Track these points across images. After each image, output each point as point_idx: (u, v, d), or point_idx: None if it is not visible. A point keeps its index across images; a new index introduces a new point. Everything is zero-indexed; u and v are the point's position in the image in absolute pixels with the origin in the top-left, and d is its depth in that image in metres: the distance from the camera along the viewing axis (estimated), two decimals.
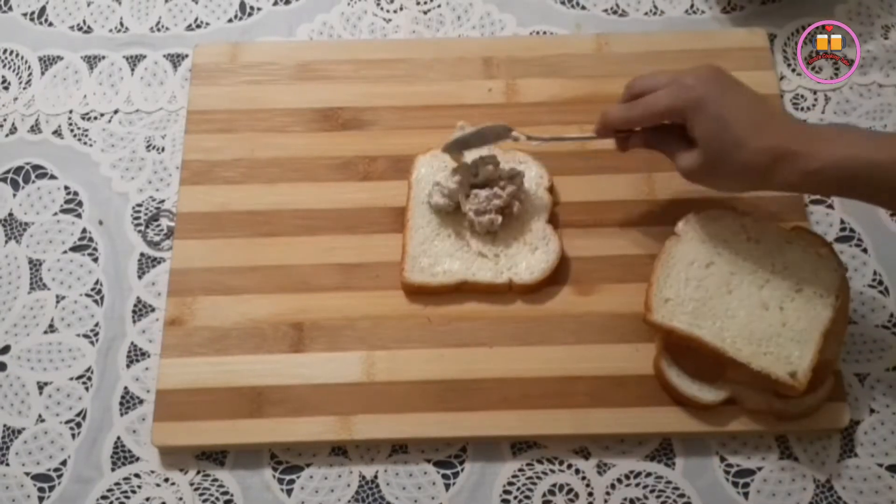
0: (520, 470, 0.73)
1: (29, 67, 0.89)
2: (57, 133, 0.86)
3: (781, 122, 0.68)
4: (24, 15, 0.92)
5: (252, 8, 0.92)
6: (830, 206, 0.81)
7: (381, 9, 0.92)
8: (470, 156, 0.78)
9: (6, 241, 0.82)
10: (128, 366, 0.77)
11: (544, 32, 0.91)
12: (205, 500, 0.72)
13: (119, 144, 0.85)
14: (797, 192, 0.68)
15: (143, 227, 0.82)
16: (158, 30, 0.91)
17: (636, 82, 0.72)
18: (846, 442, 0.73)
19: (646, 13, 0.91)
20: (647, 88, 0.71)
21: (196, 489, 0.72)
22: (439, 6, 0.92)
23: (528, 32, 0.91)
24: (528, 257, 0.77)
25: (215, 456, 0.73)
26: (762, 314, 0.71)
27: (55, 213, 0.83)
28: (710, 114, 0.67)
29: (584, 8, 0.92)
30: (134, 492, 0.72)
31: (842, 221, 0.81)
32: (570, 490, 0.72)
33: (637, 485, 0.72)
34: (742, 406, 0.72)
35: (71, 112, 0.87)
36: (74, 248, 0.81)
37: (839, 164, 0.63)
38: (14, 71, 0.89)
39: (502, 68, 0.87)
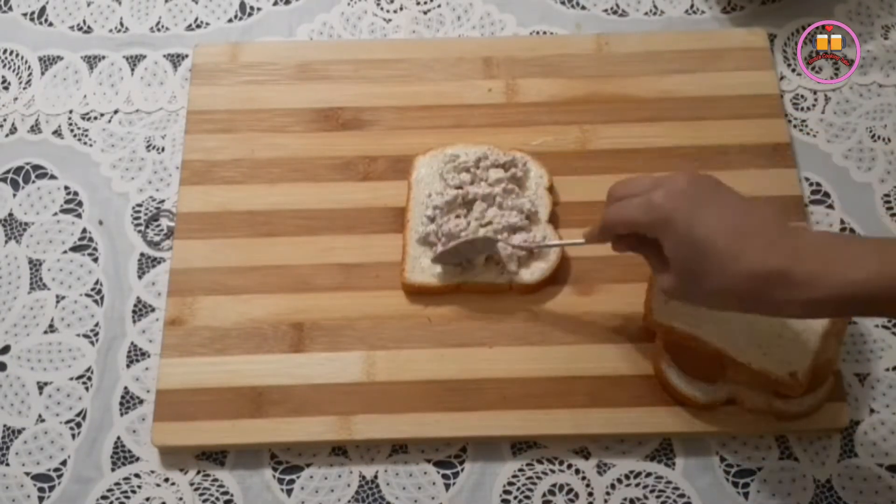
0: (520, 470, 0.73)
1: (29, 67, 0.89)
2: (57, 133, 0.86)
3: (772, 235, 0.57)
4: (24, 15, 0.92)
5: (252, 8, 0.92)
6: (831, 206, 0.81)
7: (381, 9, 0.92)
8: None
9: (6, 241, 0.82)
10: (128, 366, 0.77)
11: (544, 32, 0.91)
12: (205, 500, 0.72)
13: (119, 144, 0.85)
14: (801, 318, 0.60)
15: (143, 227, 0.82)
16: (158, 30, 0.91)
17: (615, 189, 0.65)
18: (846, 442, 0.73)
19: (646, 13, 0.91)
20: (625, 195, 0.64)
21: (196, 489, 0.72)
22: (439, 6, 0.92)
23: (528, 32, 0.91)
24: (529, 257, 0.77)
25: (215, 456, 0.73)
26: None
27: (55, 213, 0.83)
28: (680, 236, 0.58)
29: (584, 8, 0.92)
30: (134, 492, 0.72)
31: (842, 221, 0.81)
32: (570, 490, 0.72)
33: (637, 485, 0.72)
34: (742, 406, 0.72)
35: (71, 112, 0.87)
36: (74, 248, 0.81)
37: (847, 292, 0.55)
38: (14, 71, 0.89)
39: (502, 68, 0.87)
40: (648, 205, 0.60)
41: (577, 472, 0.73)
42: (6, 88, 0.88)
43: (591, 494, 0.72)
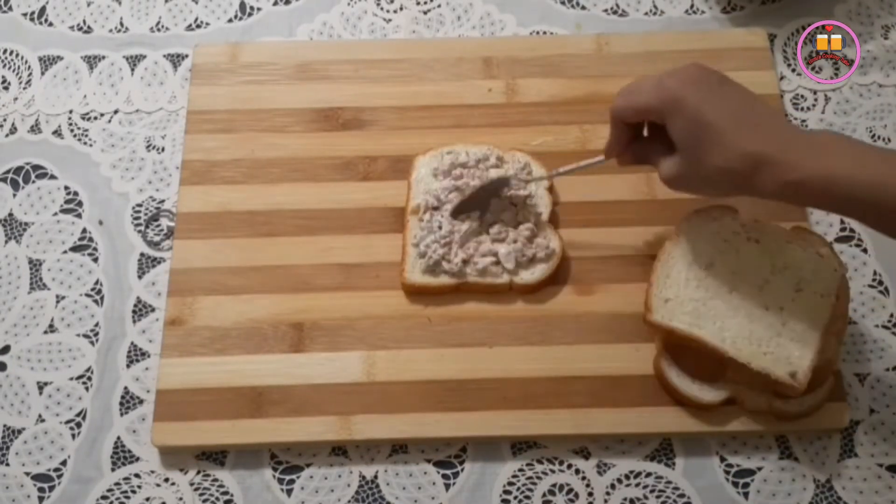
0: (520, 470, 0.73)
1: (29, 67, 0.89)
2: (57, 133, 0.86)
3: (769, 125, 0.63)
4: (24, 15, 0.92)
5: (252, 8, 0.92)
6: None
7: (381, 9, 0.92)
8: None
9: (6, 241, 0.82)
10: (128, 366, 0.77)
11: (544, 32, 0.91)
12: (205, 500, 0.72)
13: (119, 144, 0.85)
14: (776, 200, 0.64)
15: (143, 227, 0.82)
16: (158, 30, 0.91)
17: (623, 87, 0.69)
18: (846, 442, 0.73)
19: (646, 13, 0.91)
20: (632, 89, 0.68)
21: (196, 489, 0.72)
22: (439, 6, 0.92)
23: (528, 32, 0.91)
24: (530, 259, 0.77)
25: (215, 456, 0.73)
26: (762, 314, 0.71)
27: (55, 213, 0.83)
28: (688, 114, 0.63)
29: (584, 8, 0.92)
30: (134, 492, 0.72)
31: (842, 221, 0.81)
32: (570, 490, 0.72)
33: (637, 485, 0.72)
34: (742, 406, 0.72)
35: (71, 112, 0.87)
36: (74, 248, 0.81)
37: (819, 179, 0.60)
38: (14, 71, 0.89)
39: (502, 68, 0.87)
40: (660, 87, 0.65)
41: (577, 472, 0.73)
42: (6, 88, 0.88)
43: (591, 494, 0.72)
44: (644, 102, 0.66)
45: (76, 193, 0.83)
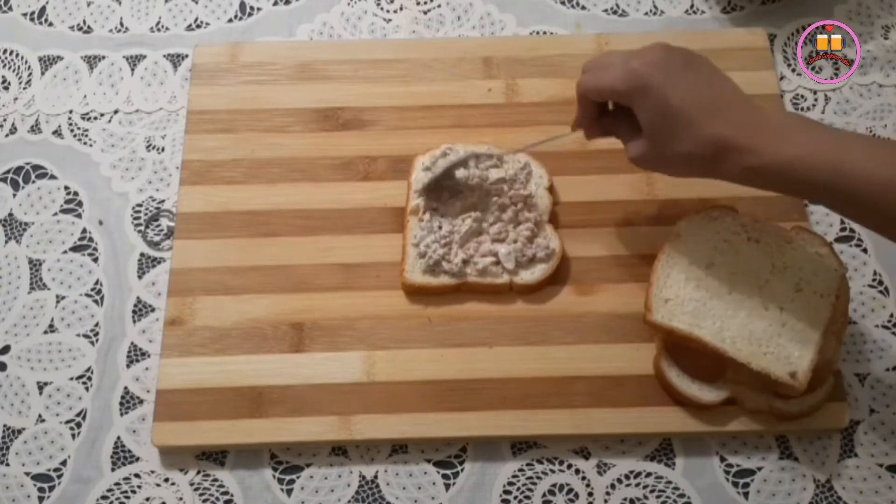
0: (520, 470, 0.73)
1: (29, 67, 0.89)
2: (57, 133, 0.86)
3: (733, 109, 0.63)
4: (24, 15, 0.92)
5: (252, 8, 0.92)
6: None
7: (381, 9, 0.92)
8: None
9: (6, 241, 0.82)
10: (128, 366, 0.77)
11: (544, 32, 0.91)
12: (205, 500, 0.72)
13: (119, 144, 0.85)
14: (741, 184, 0.64)
15: (143, 227, 0.82)
16: (158, 30, 0.91)
17: (589, 62, 0.69)
18: (846, 442, 0.73)
19: (646, 13, 0.91)
20: (600, 66, 0.68)
21: (196, 489, 0.72)
22: (439, 6, 0.92)
23: (528, 32, 0.91)
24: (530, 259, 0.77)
25: (215, 456, 0.73)
26: (762, 314, 0.71)
27: (55, 213, 0.83)
28: (654, 100, 0.63)
29: (584, 8, 0.92)
30: (134, 492, 0.72)
31: (842, 221, 0.81)
32: (570, 490, 0.72)
33: (637, 485, 0.72)
34: (742, 406, 0.72)
35: (71, 112, 0.87)
36: (74, 248, 0.81)
37: (778, 164, 0.61)
38: (14, 71, 0.89)
39: (502, 68, 0.87)
40: (627, 72, 0.64)
41: (577, 472, 0.73)
42: (6, 88, 0.88)
43: (591, 494, 0.72)
44: (609, 84, 0.66)
45: (76, 193, 0.83)
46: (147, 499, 0.72)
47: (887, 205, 0.59)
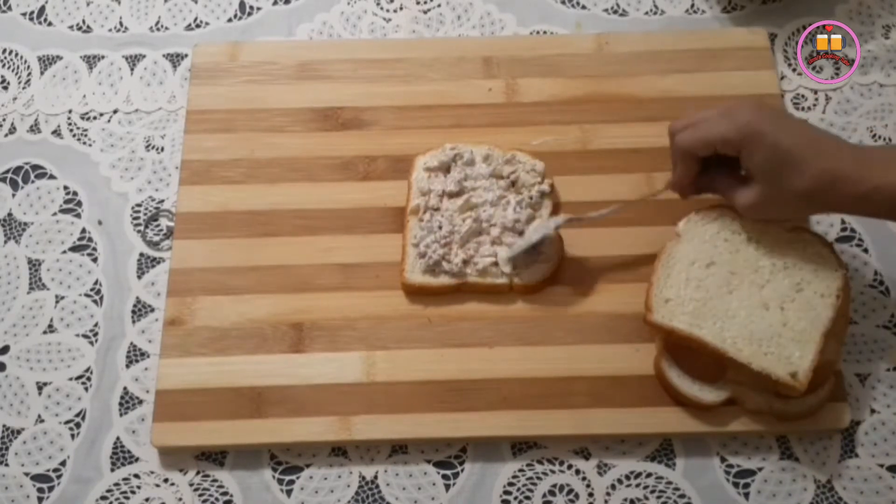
0: (520, 470, 0.73)
1: (28, 67, 0.89)
2: (56, 133, 0.86)
3: (837, 146, 0.67)
4: (24, 15, 0.92)
5: (252, 7, 0.92)
6: None
7: (381, 8, 0.92)
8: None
9: (5, 241, 0.81)
10: (127, 366, 0.76)
11: (544, 32, 0.90)
12: (204, 501, 0.72)
13: (118, 144, 0.85)
14: (853, 214, 0.69)
15: (142, 227, 0.82)
16: (158, 29, 0.91)
17: (676, 123, 0.72)
18: (847, 442, 0.73)
19: (646, 13, 0.91)
20: (691, 123, 0.70)
21: (196, 489, 0.72)
22: (439, 6, 0.92)
23: (528, 32, 0.91)
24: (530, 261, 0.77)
25: (215, 456, 0.73)
26: (763, 314, 0.71)
27: (54, 213, 0.82)
28: (768, 143, 0.66)
29: (584, 7, 0.92)
30: (133, 492, 0.72)
31: (842, 221, 0.81)
32: (571, 490, 0.72)
33: (637, 485, 0.72)
34: (742, 406, 0.72)
35: (70, 112, 0.87)
36: (74, 248, 0.81)
37: (888, 188, 0.64)
38: (13, 71, 0.89)
39: (502, 68, 0.86)
40: (734, 120, 0.67)
41: (578, 472, 0.73)
42: (5, 88, 0.88)
43: (591, 495, 0.72)
44: (720, 135, 0.68)
45: (75, 193, 0.83)
46: (146, 499, 0.72)
47: None
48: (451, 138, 0.82)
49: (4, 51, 0.90)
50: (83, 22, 0.92)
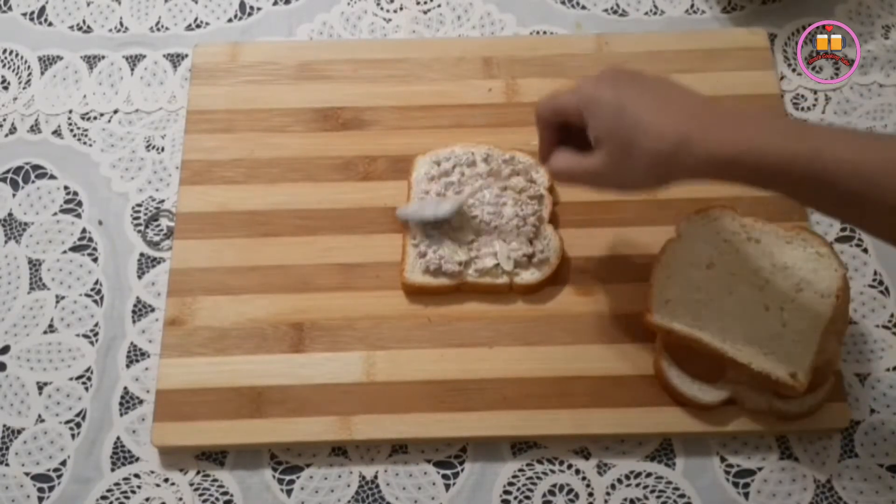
0: (520, 470, 0.73)
1: (28, 67, 0.89)
2: (56, 133, 0.86)
3: (688, 106, 0.62)
4: (24, 15, 0.92)
5: (252, 8, 0.92)
6: None
7: (381, 9, 0.92)
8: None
9: (6, 241, 0.81)
10: (127, 366, 0.76)
11: (544, 32, 0.91)
12: (205, 501, 0.72)
13: (119, 144, 0.85)
14: (702, 179, 0.61)
15: (142, 227, 0.82)
16: (158, 30, 0.91)
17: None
18: (846, 442, 0.73)
19: (646, 13, 0.91)
20: (555, 92, 0.68)
21: (196, 489, 0.72)
22: (439, 6, 0.92)
23: (528, 32, 0.91)
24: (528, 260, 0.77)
25: (215, 456, 0.73)
26: (762, 315, 0.71)
27: (55, 213, 0.83)
28: (607, 105, 0.63)
29: (584, 8, 0.92)
30: (134, 492, 0.72)
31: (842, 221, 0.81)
32: (571, 490, 0.72)
33: (637, 485, 0.72)
34: (742, 406, 0.72)
35: (70, 112, 0.87)
36: (74, 248, 0.81)
37: (737, 153, 0.58)
38: (14, 71, 0.89)
39: (502, 68, 0.87)
40: (577, 91, 0.65)
41: (578, 472, 0.73)
42: (6, 88, 0.88)
43: (591, 495, 0.72)
44: (563, 104, 0.66)
45: (76, 193, 0.83)
46: (147, 499, 0.72)
47: (873, 194, 0.56)
48: (451, 138, 0.82)
49: (5, 51, 0.90)
50: (83, 22, 0.92)
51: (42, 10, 0.92)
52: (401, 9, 0.92)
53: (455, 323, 0.76)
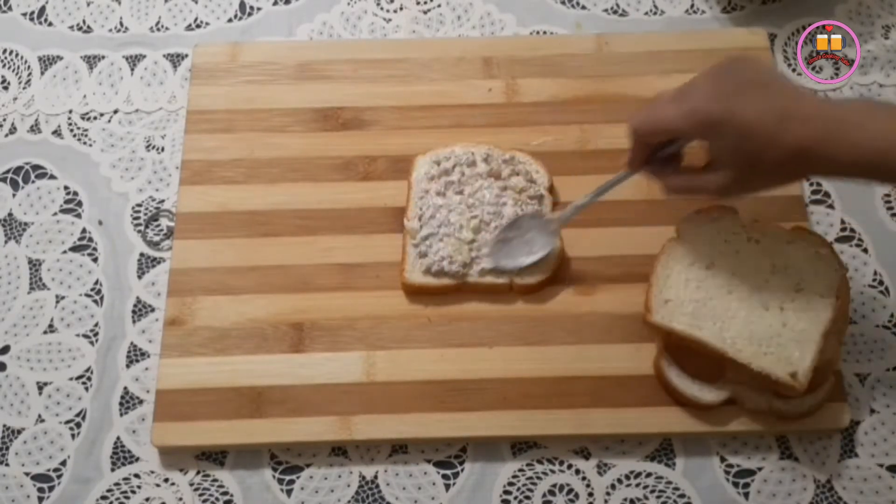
0: (520, 470, 0.73)
1: (28, 67, 0.89)
2: (56, 133, 0.86)
3: (802, 108, 0.61)
4: (24, 15, 0.92)
5: (252, 8, 0.92)
6: (831, 206, 0.81)
7: (381, 9, 0.92)
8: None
9: (6, 241, 0.81)
10: (127, 366, 0.76)
11: (544, 32, 0.91)
12: (205, 501, 0.72)
13: (119, 144, 0.85)
14: (836, 178, 0.66)
15: (142, 227, 0.82)
16: (158, 30, 0.91)
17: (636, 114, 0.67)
18: (846, 442, 0.73)
19: (646, 13, 0.91)
20: (651, 105, 0.66)
21: (196, 489, 0.72)
22: (439, 6, 0.92)
23: (528, 32, 0.91)
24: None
25: (215, 456, 0.73)
26: (762, 314, 0.71)
27: (55, 213, 0.83)
28: (728, 127, 0.61)
29: (584, 8, 0.92)
30: (134, 492, 0.72)
31: (842, 221, 0.81)
32: (571, 490, 0.72)
33: (637, 485, 0.72)
34: (742, 406, 0.72)
35: (70, 112, 0.87)
36: (74, 248, 0.81)
37: (869, 155, 0.59)
38: (14, 71, 0.89)
39: (502, 68, 0.86)
40: (682, 107, 0.63)
41: (578, 472, 0.73)
42: (6, 88, 0.88)
43: (591, 495, 0.72)
44: (668, 123, 0.64)
45: (76, 193, 0.83)
46: (147, 499, 0.72)
47: None
48: (451, 138, 0.82)
49: (5, 51, 0.90)
50: (83, 22, 0.92)
51: (42, 10, 0.92)
52: (401, 9, 0.92)
53: (455, 323, 0.76)
